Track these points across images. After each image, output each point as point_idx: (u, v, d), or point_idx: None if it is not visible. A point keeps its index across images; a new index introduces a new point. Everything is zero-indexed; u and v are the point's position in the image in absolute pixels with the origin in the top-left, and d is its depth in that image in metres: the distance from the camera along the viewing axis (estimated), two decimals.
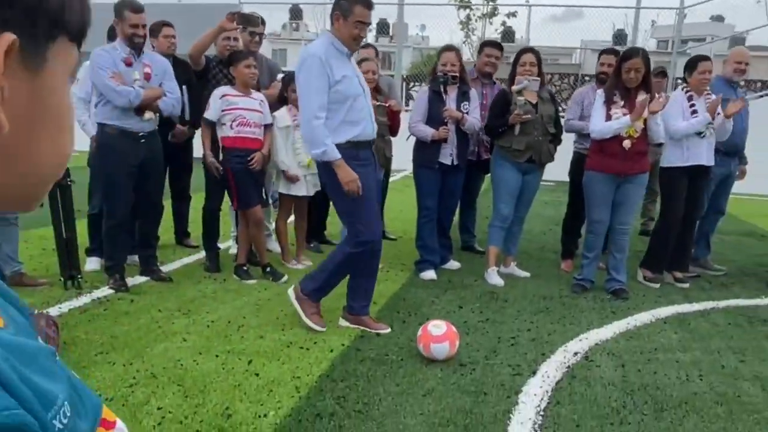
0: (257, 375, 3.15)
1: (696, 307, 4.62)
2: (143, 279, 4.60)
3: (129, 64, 4.13)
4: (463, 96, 4.91)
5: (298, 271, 4.93)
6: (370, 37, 16.98)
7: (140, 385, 2.99)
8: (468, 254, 5.83)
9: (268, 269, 4.75)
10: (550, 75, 15.68)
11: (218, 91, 4.55)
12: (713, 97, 4.81)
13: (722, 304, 4.73)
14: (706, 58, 4.91)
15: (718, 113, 4.75)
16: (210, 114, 4.53)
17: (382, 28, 17.62)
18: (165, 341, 3.51)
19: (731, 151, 5.22)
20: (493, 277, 4.96)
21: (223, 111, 4.51)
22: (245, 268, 4.76)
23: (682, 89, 4.92)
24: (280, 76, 5.28)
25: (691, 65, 4.86)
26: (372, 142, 3.73)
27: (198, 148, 4.97)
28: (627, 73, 4.48)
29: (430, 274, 4.99)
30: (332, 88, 3.47)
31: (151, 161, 4.35)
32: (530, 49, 4.91)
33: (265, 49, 7.70)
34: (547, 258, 5.88)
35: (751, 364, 3.62)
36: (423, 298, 4.52)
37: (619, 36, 18.36)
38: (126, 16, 4.07)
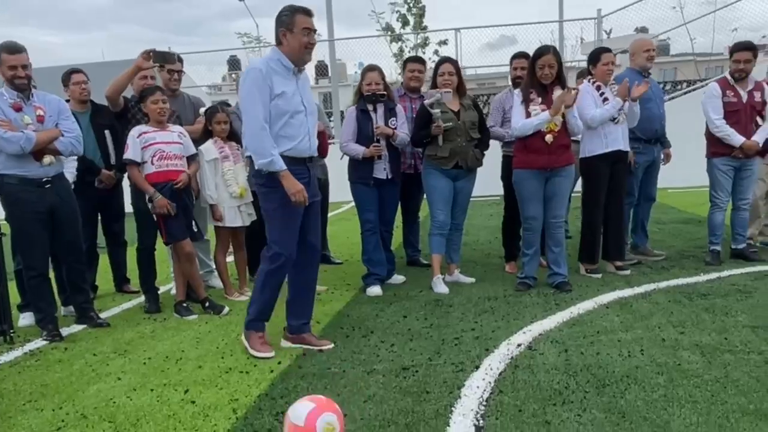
0: (193, 403, 3.04)
1: (637, 290, 4.69)
2: (80, 327, 4.45)
3: (18, 109, 4.01)
4: (390, 112, 4.97)
5: (242, 303, 4.83)
6: (311, 79, 17.15)
7: (69, 427, 2.86)
8: (414, 268, 5.82)
9: (207, 304, 4.66)
10: (487, 96, 16.05)
11: (134, 131, 4.51)
12: (617, 87, 4.99)
13: (663, 284, 4.81)
14: (607, 50, 5.11)
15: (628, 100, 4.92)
16: (130, 154, 4.48)
17: (321, 70, 17.80)
18: (98, 383, 3.38)
19: (652, 138, 5.38)
20: (439, 286, 4.95)
21: (142, 149, 4.47)
22: (185, 304, 4.65)
23: (589, 81, 5.07)
24: (202, 110, 5.25)
25: (595, 58, 5.04)
26: (307, 160, 3.71)
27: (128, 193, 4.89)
28: (541, 69, 4.60)
29: (375, 290, 4.96)
30: (271, 101, 3.52)
31: (62, 206, 4.21)
32: (448, 59, 5.02)
33: (208, 101, 7.67)
34: (492, 263, 5.92)
35: (690, 335, 3.66)
36: (367, 312, 4.48)
37: None
38: (3, 59, 3.98)
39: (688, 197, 9.40)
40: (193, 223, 4.70)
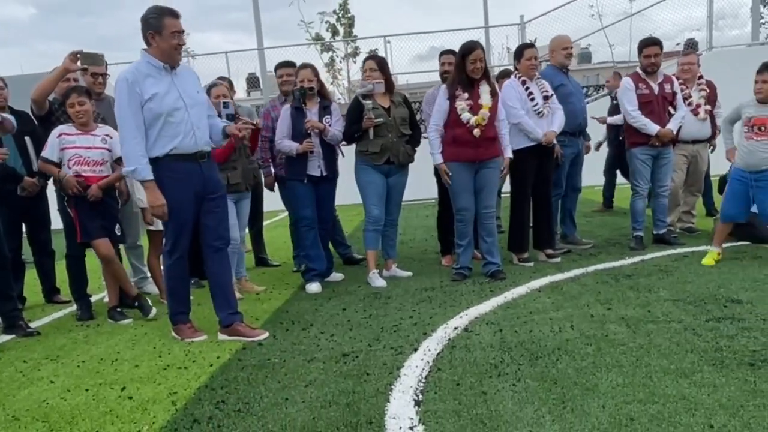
0: (131, 398, 2.99)
1: (567, 275, 4.88)
2: (9, 337, 4.28)
3: None
4: (324, 110, 5.01)
5: None
6: (242, 91, 17.01)
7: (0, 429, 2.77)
8: (351, 267, 5.86)
9: (137, 303, 4.58)
10: (418, 103, 16.31)
11: (56, 130, 4.40)
12: (543, 81, 5.22)
13: (591, 269, 5.02)
14: (530, 46, 5.35)
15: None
16: (47, 153, 4.37)
17: (252, 82, 17.68)
18: (29, 387, 3.27)
19: (576, 131, 5.62)
20: (376, 280, 5.02)
21: (60, 149, 4.36)
22: (119, 309, 4.54)
23: (515, 76, 5.27)
24: None
25: (518, 54, 5.27)
26: (198, 156, 3.76)
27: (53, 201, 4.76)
28: (473, 63, 4.73)
29: (314, 287, 4.98)
30: (144, 106, 3.60)
31: None
32: (372, 56, 5.13)
33: None
34: (428, 258, 6.03)
35: (617, 310, 3.84)
36: (306, 307, 4.49)
37: None
38: None
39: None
40: (117, 226, 4.58)
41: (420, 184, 6.27)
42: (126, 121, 3.60)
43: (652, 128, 5.44)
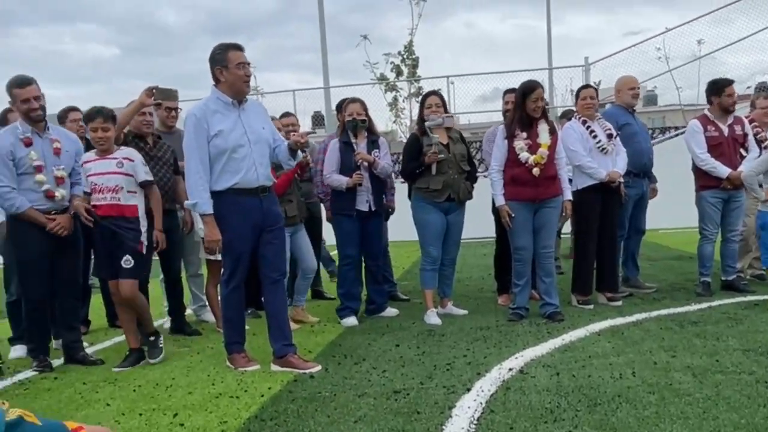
0: (182, 425, 3.01)
1: (629, 319, 4.70)
2: None
3: (28, 144, 4.06)
4: (372, 144, 5.06)
5: None
6: (307, 129, 17.39)
7: None
8: (405, 303, 5.82)
9: (152, 338, 4.26)
10: (479, 142, 16.28)
11: (82, 158, 4.26)
12: (605, 121, 5.14)
13: (654, 314, 4.83)
14: (587, 87, 5.30)
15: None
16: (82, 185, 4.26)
17: (318, 120, 18.04)
18: (87, 408, 3.35)
19: (641, 172, 5.48)
20: (432, 318, 4.96)
21: (87, 177, 4.16)
22: (144, 348, 4.27)
23: (576, 117, 5.21)
24: None
25: (576, 95, 5.24)
26: (260, 191, 3.84)
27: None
28: (534, 102, 4.71)
29: (351, 321, 4.98)
30: (210, 142, 3.71)
31: (66, 240, 4.23)
32: (433, 92, 5.17)
33: None
34: (484, 297, 5.94)
35: (682, 358, 3.67)
36: (359, 342, 4.47)
37: None
38: (15, 93, 4.04)
39: (679, 236, 9.47)
40: (126, 257, 4.11)
41: (478, 221, 6.21)
42: (191, 155, 3.72)
43: (723, 171, 5.25)
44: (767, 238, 5.05)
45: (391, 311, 5.31)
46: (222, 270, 4.03)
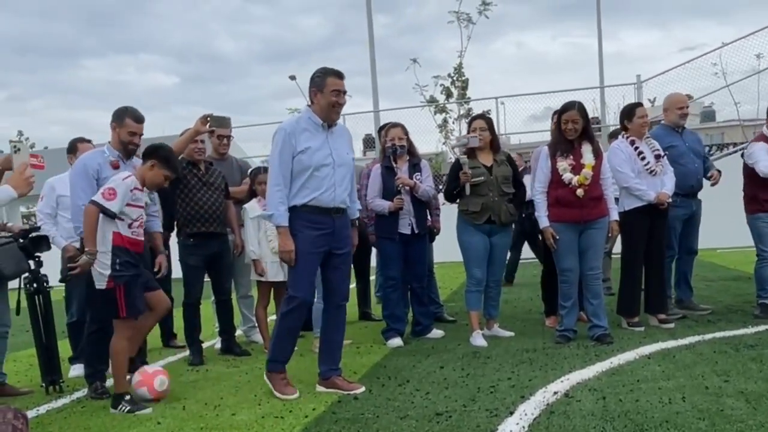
0: None
1: (681, 342, 4.57)
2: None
3: (116, 167, 4.19)
4: (414, 168, 5.12)
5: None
6: (358, 151, 17.62)
7: None
8: (451, 324, 5.81)
9: (128, 397, 3.78)
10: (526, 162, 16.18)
11: (131, 181, 3.85)
12: (653, 141, 5.05)
13: (708, 336, 4.68)
14: (640, 104, 5.20)
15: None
16: (115, 204, 3.73)
17: (369, 143, 18.27)
18: (138, 426, 3.47)
19: (689, 193, 5.36)
20: (478, 339, 4.94)
21: (128, 205, 3.81)
22: (128, 397, 3.80)
23: (623, 136, 5.13)
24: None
25: (629, 112, 5.11)
26: (333, 211, 3.86)
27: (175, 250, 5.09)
28: (565, 124, 4.70)
29: (396, 342, 5.02)
30: (295, 157, 3.75)
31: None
32: (480, 116, 5.20)
33: None
34: (532, 318, 5.88)
35: (735, 383, 3.55)
36: (404, 363, 4.49)
37: (593, 122, 19.11)
38: (126, 123, 4.18)
39: (737, 256, 9.15)
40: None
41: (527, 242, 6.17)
42: (274, 168, 3.77)
43: None
44: None
45: (436, 333, 5.32)
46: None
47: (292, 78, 20.97)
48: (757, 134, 5.55)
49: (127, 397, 3.77)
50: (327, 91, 3.78)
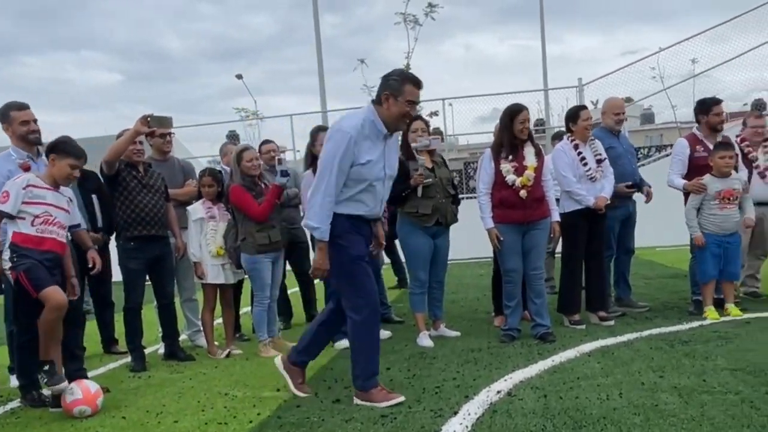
0: None
1: (620, 339, 4.72)
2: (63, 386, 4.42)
3: (26, 169, 4.06)
4: None
5: (226, 361, 4.86)
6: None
7: None
8: (398, 325, 5.84)
9: (47, 367, 3.78)
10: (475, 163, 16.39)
11: (22, 180, 3.79)
12: (597, 143, 5.18)
13: (645, 333, 4.84)
14: (584, 108, 5.32)
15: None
16: (8, 206, 3.70)
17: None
18: None
19: (626, 194, 5.52)
20: (424, 340, 4.98)
21: (24, 203, 3.74)
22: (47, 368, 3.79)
23: (568, 138, 5.25)
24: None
25: (573, 115, 5.22)
26: (375, 221, 3.77)
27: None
28: (522, 124, 4.77)
29: (344, 343, 4.98)
30: (353, 167, 3.45)
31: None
32: (418, 117, 5.24)
33: None
34: (478, 318, 5.96)
35: (669, 378, 3.68)
36: (350, 366, 4.48)
37: (537, 124, 19.48)
38: (12, 116, 4.08)
39: (674, 254, 9.47)
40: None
41: (475, 242, 6.24)
42: (329, 176, 3.40)
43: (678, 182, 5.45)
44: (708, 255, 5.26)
45: (383, 333, 5.30)
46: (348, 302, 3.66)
47: (239, 77, 20.71)
48: (687, 134, 5.77)
49: (46, 368, 3.75)
50: (402, 99, 3.46)
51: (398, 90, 3.47)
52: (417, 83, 3.53)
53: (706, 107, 5.57)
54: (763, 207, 5.77)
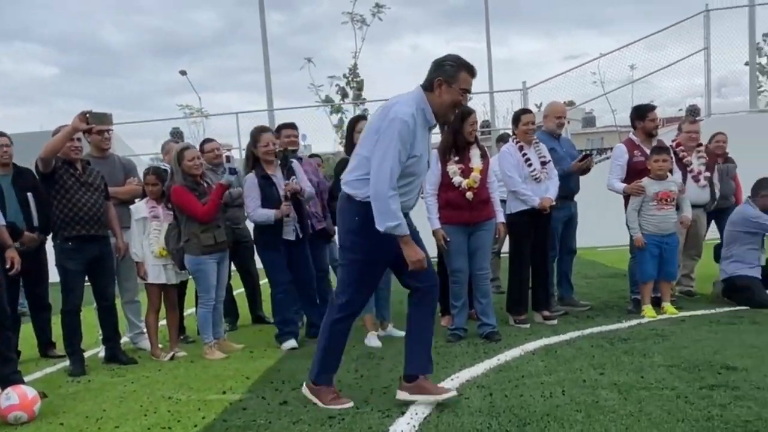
0: None
1: (563, 337, 4.83)
2: None
3: None
4: (289, 171, 5.05)
5: (170, 364, 4.77)
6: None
7: None
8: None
9: None
10: None
11: None
12: (542, 146, 5.29)
13: (587, 332, 4.98)
14: (527, 111, 5.45)
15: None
16: None
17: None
18: None
19: (569, 195, 5.68)
20: (372, 341, 5.00)
21: None
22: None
23: (513, 140, 5.35)
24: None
25: (516, 119, 5.35)
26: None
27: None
28: (471, 126, 4.84)
29: (291, 344, 4.99)
30: (407, 160, 3.24)
31: None
32: (363, 117, 5.34)
33: None
34: None
35: (609, 375, 3.79)
36: (299, 367, 4.44)
37: (483, 125, 19.79)
38: None
39: (615, 254, 9.77)
40: None
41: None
42: (391, 169, 3.15)
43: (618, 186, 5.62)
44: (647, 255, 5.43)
45: None
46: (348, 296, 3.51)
47: (183, 73, 20.30)
48: (624, 139, 5.97)
49: None
50: (457, 87, 3.24)
51: (453, 77, 3.25)
52: (472, 71, 3.32)
53: (641, 113, 5.78)
54: (696, 209, 6.02)
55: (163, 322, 5.21)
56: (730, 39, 12.45)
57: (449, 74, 3.24)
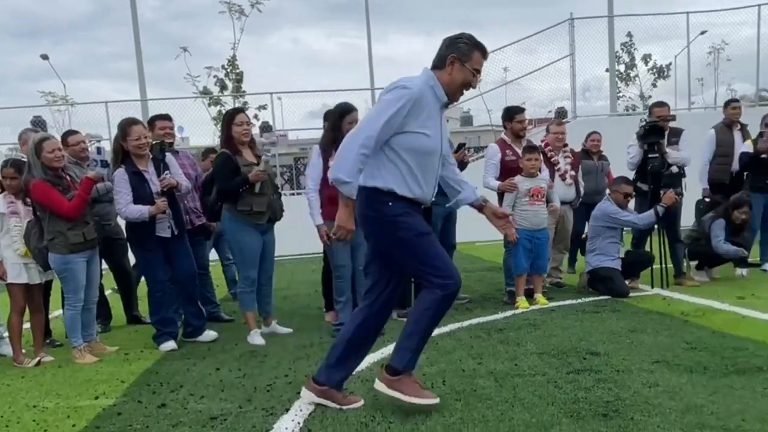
0: None
1: (443, 330, 4.98)
2: None
3: None
4: (163, 165, 4.87)
5: (34, 370, 4.44)
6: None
7: None
8: (227, 324, 5.73)
9: None
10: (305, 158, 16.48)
11: None
12: None
13: (466, 323, 5.17)
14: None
15: None
16: None
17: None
18: None
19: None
20: (255, 338, 4.92)
21: None
22: None
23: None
24: None
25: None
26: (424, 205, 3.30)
27: None
28: (350, 124, 4.85)
29: (169, 345, 4.83)
30: (406, 133, 3.04)
31: None
32: (241, 110, 5.22)
33: None
34: (310, 314, 6.01)
35: (486, 365, 3.96)
36: (178, 367, 4.31)
37: None
38: None
39: (491, 249, 10.24)
40: None
41: (307, 238, 6.26)
42: (372, 126, 2.97)
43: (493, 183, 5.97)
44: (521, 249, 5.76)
45: (209, 334, 5.13)
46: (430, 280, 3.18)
47: (45, 57, 18.95)
48: (497, 139, 6.27)
49: None
50: (470, 65, 3.12)
51: (467, 55, 3.12)
52: (485, 53, 3.22)
53: (510, 115, 6.13)
54: (564, 206, 6.43)
55: (26, 325, 4.85)
56: (593, 46, 13.44)
57: (463, 52, 3.13)
